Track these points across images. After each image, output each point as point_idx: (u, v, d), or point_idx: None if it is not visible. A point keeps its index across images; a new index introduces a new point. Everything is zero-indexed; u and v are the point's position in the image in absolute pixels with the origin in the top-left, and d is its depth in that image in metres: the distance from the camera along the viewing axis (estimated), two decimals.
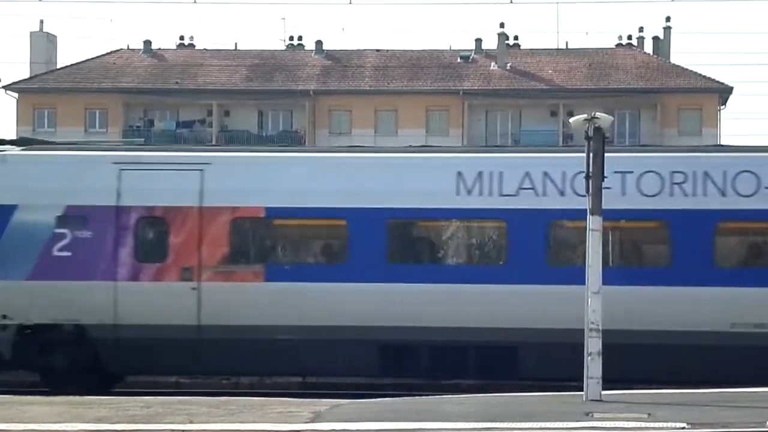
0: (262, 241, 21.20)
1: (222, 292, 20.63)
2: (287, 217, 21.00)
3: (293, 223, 21.14)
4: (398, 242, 20.96)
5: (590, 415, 14.69)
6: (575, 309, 17.50)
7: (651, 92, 69.72)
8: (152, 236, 21.01)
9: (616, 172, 19.53)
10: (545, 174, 20.45)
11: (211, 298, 20.61)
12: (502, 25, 74.49)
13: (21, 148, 22.03)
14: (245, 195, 20.87)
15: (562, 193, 20.34)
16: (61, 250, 20.85)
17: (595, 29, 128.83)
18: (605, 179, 16.57)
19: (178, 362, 20.91)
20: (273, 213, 20.84)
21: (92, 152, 22.15)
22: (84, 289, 20.76)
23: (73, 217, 20.89)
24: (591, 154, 16.55)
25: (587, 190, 16.61)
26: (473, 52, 74.39)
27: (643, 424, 13.96)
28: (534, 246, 20.28)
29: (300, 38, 77.70)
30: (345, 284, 20.42)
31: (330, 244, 21.46)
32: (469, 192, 20.50)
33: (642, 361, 19.78)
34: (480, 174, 20.51)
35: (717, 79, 70.55)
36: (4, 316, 20.92)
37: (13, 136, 66.58)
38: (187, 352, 20.60)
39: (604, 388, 16.37)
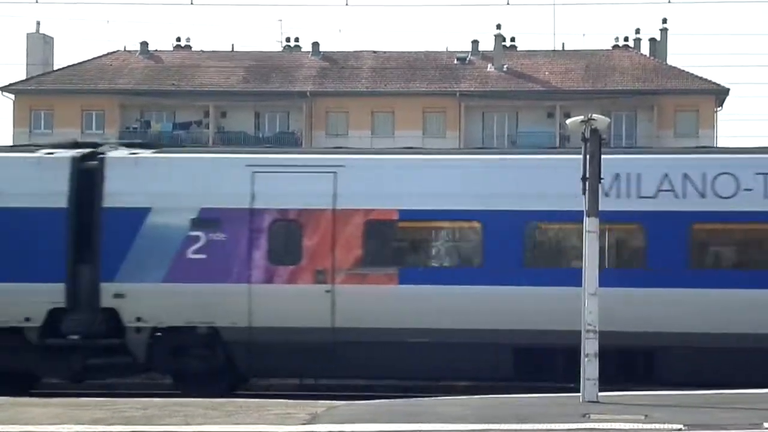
0: (395, 244, 21.16)
1: (356, 294, 20.58)
2: (420, 220, 20.91)
3: (426, 225, 21.05)
4: (534, 245, 20.80)
5: (587, 416, 14.70)
6: (718, 313, 17.14)
7: (648, 94, 69.69)
8: (286, 239, 20.94)
9: (758, 173, 19.85)
10: (685, 175, 20.30)
11: (345, 301, 20.58)
12: (498, 27, 74.63)
13: (152, 150, 22.01)
14: (378, 197, 20.83)
15: (702, 195, 20.19)
16: (195, 252, 20.85)
17: (592, 31, 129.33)
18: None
19: (312, 365, 20.86)
20: (406, 215, 20.81)
21: (225, 155, 22.22)
22: (218, 292, 20.75)
23: (206, 219, 20.87)
24: (587, 156, 16.56)
25: (583, 192, 16.62)
26: (470, 53, 74.38)
27: (640, 426, 13.95)
28: (674, 248, 19.98)
29: (297, 40, 77.76)
30: (479, 287, 20.33)
31: (463, 247, 21.30)
32: (606, 194, 19.83)
33: None
34: (617, 176, 20.21)
35: (714, 80, 70.63)
36: (139, 319, 20.91)
37: (10, 138, 66.75)
38: (321, 355, 20.54)
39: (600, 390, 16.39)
